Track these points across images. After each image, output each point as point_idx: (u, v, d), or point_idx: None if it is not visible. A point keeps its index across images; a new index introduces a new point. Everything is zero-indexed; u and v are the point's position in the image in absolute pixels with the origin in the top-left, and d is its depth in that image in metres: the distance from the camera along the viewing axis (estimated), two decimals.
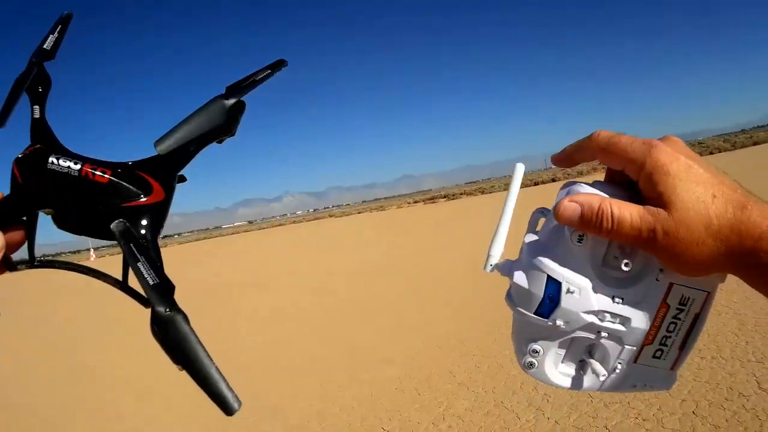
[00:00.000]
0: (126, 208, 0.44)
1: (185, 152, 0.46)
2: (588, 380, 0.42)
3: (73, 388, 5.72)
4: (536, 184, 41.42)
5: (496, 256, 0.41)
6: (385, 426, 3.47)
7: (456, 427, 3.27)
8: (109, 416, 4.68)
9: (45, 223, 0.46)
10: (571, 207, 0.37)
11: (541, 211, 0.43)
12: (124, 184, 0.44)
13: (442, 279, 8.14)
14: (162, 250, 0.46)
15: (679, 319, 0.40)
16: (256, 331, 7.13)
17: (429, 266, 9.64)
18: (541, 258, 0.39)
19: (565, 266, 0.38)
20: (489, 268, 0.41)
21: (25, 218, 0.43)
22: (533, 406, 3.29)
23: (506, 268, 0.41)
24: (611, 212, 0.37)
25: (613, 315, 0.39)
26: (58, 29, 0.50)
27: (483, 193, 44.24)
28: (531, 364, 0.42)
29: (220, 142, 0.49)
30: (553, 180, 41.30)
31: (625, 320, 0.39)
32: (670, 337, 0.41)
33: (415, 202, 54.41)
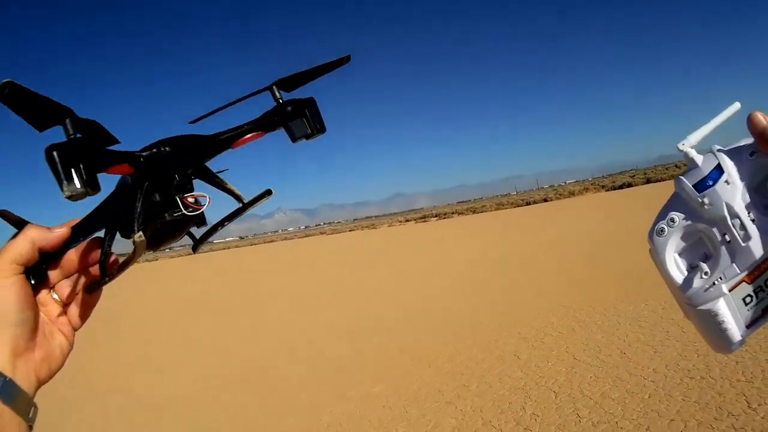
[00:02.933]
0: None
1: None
2: (698, 282, 0.48)
3: None
4: (528, 204, 41.71)
5: (691, 142, 0.49)
6: None
7: None
8: None
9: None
10: (764, 122, 0.45)
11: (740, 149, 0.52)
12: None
13: (432, 298, 8.14)
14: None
15: None
16: (244, 347, 7.07)
17: (419, 286, 9.65)
18: (721, 151, 0.48)
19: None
20: (682, 146, 0.49)
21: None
22: (521, 426, 3.27)
23: (691, 152, 0.49)
24: None
25: (742, 225, 0.47)
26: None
27: (474, 212, 44.46)
28: (662, 231, 0.50)
29: (308, 138, 0.55)
30: (545, 200, 41.64)
31: (747, 237, 0.46)
32: (765, 290, 0.47)
33: (407, 220, 54.50)
